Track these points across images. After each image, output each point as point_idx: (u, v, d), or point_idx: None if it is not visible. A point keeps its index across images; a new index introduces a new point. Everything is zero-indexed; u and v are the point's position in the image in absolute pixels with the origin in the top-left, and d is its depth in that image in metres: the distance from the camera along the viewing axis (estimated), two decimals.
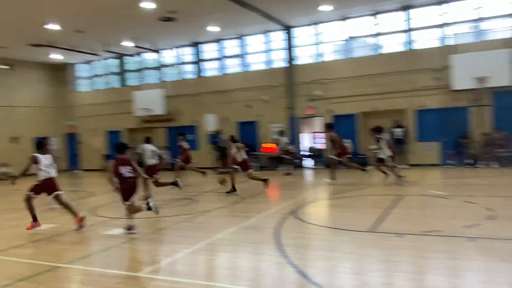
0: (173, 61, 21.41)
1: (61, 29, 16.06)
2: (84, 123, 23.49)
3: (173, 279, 5.04)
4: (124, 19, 15.36)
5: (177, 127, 20.97)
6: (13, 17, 14.53)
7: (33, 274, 5.49)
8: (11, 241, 7.44)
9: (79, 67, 24.13)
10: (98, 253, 6.54)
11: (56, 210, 10.16)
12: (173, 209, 9.96)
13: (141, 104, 20.64)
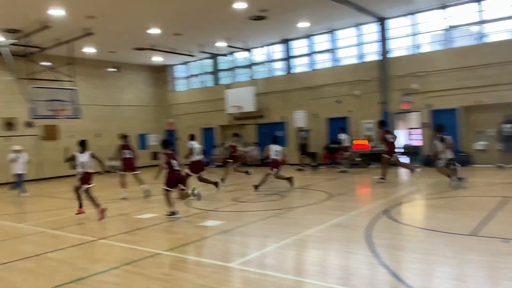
0: (263, 59, 21.78)
1: (161, 33, 17.22)
2: (181, 120, 24.97)
3: (262, 272, 5.16)
4: (217, 20, 15.99)
5: (267, 124, 21.34)
6: (121, 25, 15.92)
7: (137, 259, 5.99)
8: (120, 228, 8.21)
9: (176, 68, 25.67)
10: (194, 243, 6.93)
11: (155, 201, 10.97)
12: (263, 204, 10.17)
13: (232, 101, 21.34)
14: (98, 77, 22.49)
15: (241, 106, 20.99)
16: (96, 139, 20.99)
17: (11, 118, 19.06)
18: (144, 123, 24.80)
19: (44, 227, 8.61)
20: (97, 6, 13.55)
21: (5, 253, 6.75)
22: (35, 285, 5.15)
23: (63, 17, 14.18)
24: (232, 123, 22.75)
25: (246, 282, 4.90)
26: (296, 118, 19.73)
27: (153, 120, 25.37)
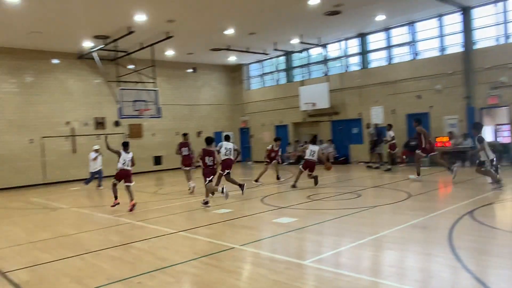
0: (337, 54, 21.38)
1: (236, 33, 17.63)
2: (255, 118, 25.38)
3: (337, 271, 5.09)
4: (291, 17, 16.00)
5: (342, 121, 20.94)
6: (198, 27, 16.56)
7: (213, 251, 6.22)
8: (198, 222, 8.57)
9: (250, 66, 26.11)
10: (267, 239, 7.03)
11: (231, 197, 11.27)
12: (338, 203, 10.02)
13: (306, 98, 21.23)
14: (177, 78, 23.60)
15: (315, 103, 20.81)
16: (176, 137, 22.03)
17: (101, 118, 20.69)
18: (220, 121, 25.59)
19: (130, 219, 9.25)
20: (177, 10, 14.22)
21: (96, 242, 7.38)
22: (122, 272, 5.56)
23: (145, 22, 15.08)
24: (306, 120, 22.65)
25: (320, 280, 4.87)
26: (372, 115, 19.13)
27: (228, 118, 26.07)
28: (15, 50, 18.11)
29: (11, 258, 6.65)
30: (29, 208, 12.21)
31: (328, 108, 20.65)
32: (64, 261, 6.28)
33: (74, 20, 14.63)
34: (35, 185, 18.45)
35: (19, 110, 18.31)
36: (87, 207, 11.55)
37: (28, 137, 18.54)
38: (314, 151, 12.72)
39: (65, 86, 19.67)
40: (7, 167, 17.94)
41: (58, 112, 19.40)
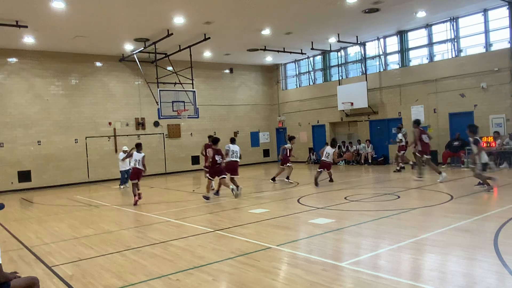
0: (376, 53, 20.95)
1: (272, 33, 17.64)
2: (291, 118, 25.29)
3: (375, 274, 4.99)
4: (329, 16, 15.83)
5: (380, 120, 20.51)
6: (235, 28, 16.70)
7: (250, 251, 6.25)
8: (234, 221, 8.64)
9: (287, 66, 26.05)
10: (304, 239, 6.99)
11: (266, 197, 11.30)
12: (377, 204, 9.82)
13: (343, 98, 20.94)
14: (214, 78, 23.89)
15: (353, 102, 20.49)
16: None
17: (141, 118, 21.26)
18: (256, 121, 25.69)
19: (168, 217, 9.46)
20: (214, 12, 14.40)
21: (137, 239, 7.59)
22: (161, 269, 5.69)
23: (184, 25, 15.36)
24: (343, 120, 22.35)
25: (357, 282, 4.79)
26: (413, 114, 18.62)
27: (264, 118, 26.12)
28: (61, 54, 18.94)
29: (57, 253, 6.96)
30: (74, 205, 12.72)
31: (366, 107, 20.28)
32: (106, 257, 6.50)
33: (116, 24, 15.13)
34: (79, 184, 19.22)
35: (65, 112, 19.13)
36: (127, 205, 11.91)
37: (73, 138, 19.34)
38: (329, 153, 13.47)
39: (107, 88, 20.36)
40: (54, 166, 18.79)
41: (101, 113, 20.11)
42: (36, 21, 14.12)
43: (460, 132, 16.79)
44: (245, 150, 24.22)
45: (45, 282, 5.33)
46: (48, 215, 11.03)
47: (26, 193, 17.10)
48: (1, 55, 17.65)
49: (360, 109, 20.69)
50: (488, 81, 16.43)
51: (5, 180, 17.70)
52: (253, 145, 25.30)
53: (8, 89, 17.86)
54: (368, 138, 20.92)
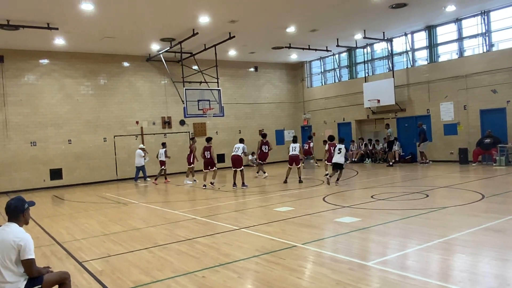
0: (403, 49, 20.54)
1: (297, 30, 17.54)
2: (316, 116, 25.12)
3: (403, 274, 4.91)
4: (354, 12, 15.62)
5: (408, 118, 20.12)
6: (260, 27, 16.70)
7: (275, 249, 6.25)
8: (259, 219, 8.66)
9: (312, 64, 25.87)
10: (330, 238, 6.94)
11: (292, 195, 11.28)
12: (404, 203, 9.65)
13: (370, 95, 20.64)
14: (239, 77, 23.97)
15: (379, 100, 20.17)
16: (238, 135, 22.43)
17: (168, 117, 21.56)
18: (281, 120, 25.64)
19: (194, 215, 9.57)
20: (239, 11, 14.44)
21: (164, 236, 7.71)
22: (187, 265, 5.76)
23: (209, 24, 15.47)
24: (370, 118, 22.04)
25: (384, 282, 4.72)
26: (442, 111, 18.20)
27: (289, 116, 26.04)
28: (90, 55, 19.40)
29: (87, 249, 7.15)
30: (103, 202, 13.04)
31: (393, 104, 19.93)
32: (134, 253, 6.63)
33: (142, 24, 15.38)
34: (107, 181, 19.66)
35: (94, 111, 19.61)
36: (154, 203, 12.11)
37: (102, 136, 19.79)
38: (341, 148, 13.48)
39: (134, 87, 20.74)
40: (83, 164, 19.29)
41: (128, 112, 20.50)
42: (67, 23, 14.51)
43: (491, 129, 16.31)
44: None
45: (76, 277, 5.48)
46: (79, 212, 11.34)
47: (58, 190, 17.62)
48: (34, 56, 18.23)
49: (387, 106, 20.34)
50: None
51: (38, 178, 18.29)
52: (278, 143, 25.26)
53: (40, 90, 18.44)
54: (395, 136, 20.55)
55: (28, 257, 3.77)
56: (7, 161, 17.59)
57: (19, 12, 13.03)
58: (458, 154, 17.47)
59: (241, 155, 14.13)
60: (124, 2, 12.84)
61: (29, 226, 4.11)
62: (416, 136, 19.00)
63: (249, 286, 5.01)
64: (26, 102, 18.08)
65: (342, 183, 13.13)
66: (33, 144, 18.21)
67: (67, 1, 12.39)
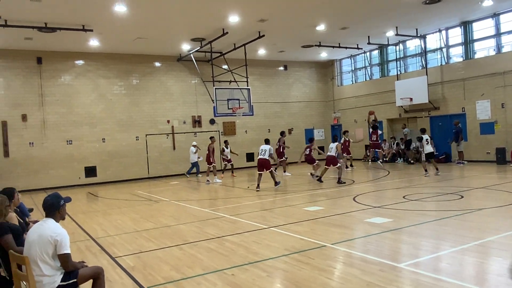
0: (437, 45, 19.98)
1: (327, 28, 17.36)
2: (347, 114, 24.80)
3: (436, 277, 4.78)
4: (386, 9, 15.31)
5: (442, 116, 19.57)
6: (290, 25, 16.63)
7: (304, 248, 6.22)
8: (288, 218, 8.64)
9: (342, 62, 25.55)
10: (360, 239, 6.84)
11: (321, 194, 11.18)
12: (438, 204, 9.39)
13: (402, 93, 20.20)
14: (268, 76, 23.96)
15: (412, 98, 19.71)
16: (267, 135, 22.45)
17: (198, 116, 21.81)
18: (311, 118, 25.46)
19: (224, 213, 9.64)
20: (269, 10, 14.43)
21: (194, 234, 7.81)
22: (217, 263, 5.82)
23: (238, 23, 15.53)
24: (402, 116, 21.57)
25: (416, 285, 4.61)
26: (478, 109, 17.60)
27: (319, 115, 25.82)
28: (123, 55, 19.87)
29: (120, 245, 7.33)
30: (135, 199, 13.33)
31: (427, 103, 19.42)
32: (165, 250, 6.75)
33: (173, 25, 15.62)
34: (139, 179, 20.09)
35: (126, 110, 20.07)
36: (185, 200, 12.28)
37: (134, 135, 20.24)
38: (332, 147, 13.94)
39: (165, 87, 21.08)
40: (117, 162, 19.78)
41: (160, 111, 20.87)
42: (101, 25, 14.91)
43: None
44: (299, 147, 24.06)
45: (109, 272, 5.63)
46: (112, 209, 11.65)
47: (92, 187, 18.15)
48: (70, 58, 18.83)
49: (420, 105, 19.85)
50: None
51: (74, 175, 18.90)
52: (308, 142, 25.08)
53: (75, 90, 19.03)
54: (429, 135, 20.00)
55: (64, 252, 3.90)
56: (44, 159, 18.26)
57: (56, 15, 13.49)
58: (495, 154, 16.86)
59: (268, 158, 13.42)
60: (155, 4, 13.07)
61: (65, 221, 4.25)
62: (450, 135, 18.46)
63: (278, 285, 5.01)
64: (63, 102, 18.71)
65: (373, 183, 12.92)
66: (69, 143, 18.82)
67: (101, 4, 12.74)
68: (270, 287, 4.93)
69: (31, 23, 13.95)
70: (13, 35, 15.13)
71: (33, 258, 3.83)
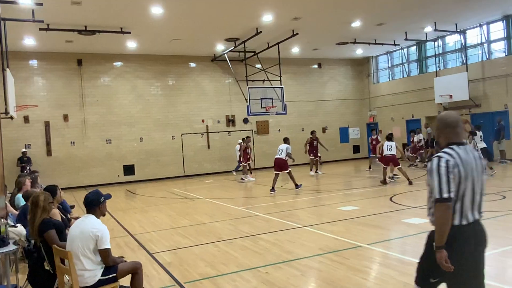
0: (478, 41, 19.22)
1: (363, 25, 17.06)
2: (383, 112, 24.30)
3: None
4: (424, 4, 14.86)
5: (483, 114, 18.83)
6: (324, 22, 16.45)
7: (338, 248, 6.16)
8: (322, 218, 8.58)
9: (378, 59, 25.05)
10: (397, 239, 6.71)
11: (356, 194, 11.04)
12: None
13: (441, 90, 19.58)
14: (302, 74, 23.81)
15: (452, 95, 19.07)
16: (301, 134, 22.36)
17: (232, 116, 21.99)
18: (345, 117, 25.11)
19: (257, 212, 9.69)
20: (303, 7, 14.34)
21: (228, 231, 7.90)
22: (251, 261, 5.86)
23: (272, 22, 15.53)
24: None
25: None
26: None
27: (354, 113, 25.42)
28: (159, 56, 20.30)
29: (157, 241, 7.51)
30: (171, 197, 13.61)
31: (467, 100, 18.74)
32: (200, 246, 6.86)
33: (208, 26, 15.80)
34: (175, 177, 20.48)
35: (163, 110, 20.51)
36: (220, 199, 12.42)
37: (170, 134, 20.65)
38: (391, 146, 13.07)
39: (200, 87, 21.38)
40: (154, 161, 20.25)
41: (195, 111, 21.19)
42: (138, 27, 15.30)
43: None
44: (334, 146, 23.85)
45: (147, 267, 5.79)
46: (149, 206, 11.94)
47: (130, 185, 18.66)
48: (109, 59, 19.44)
49: (460, 102, 19.17)
50: None
51: (113, 173, 19.50)
52: (343, 141, 24.79)
53: (114, 91, 19.63)
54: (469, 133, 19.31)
55: (104, 247, 4.04)
56: (85, 158, 18.95)
57: (95, 18, 13.95)
58: None
59: (285, 158, 13.12)
60: (191, 5, 13.27)
61: (104, 218, 4.41)
62: (493, 134, 17.73)
63: (312, 284, 4.99)
64: (102, 102, 19.33)
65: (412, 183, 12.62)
66: (108, 142, 19.43)
67: (138, 6, 13.07)
68: (304, 286, 4.92)
69: (71, 26, 14.50)
70: (55, 38, 15.78)
71: (75, 253, 3.99)
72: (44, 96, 18.30)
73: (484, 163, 3.10)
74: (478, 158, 3.00)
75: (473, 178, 2.90)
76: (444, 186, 2.81)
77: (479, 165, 2.98)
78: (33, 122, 18.02)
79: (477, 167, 2.95)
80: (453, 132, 3.01)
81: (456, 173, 2.84)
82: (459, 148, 2.94)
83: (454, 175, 2.83)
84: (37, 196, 4.65)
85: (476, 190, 2.92)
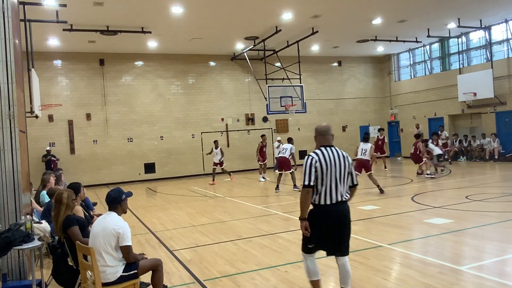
0: (504, 37, 18.71)
1: (384, 22, 16.82)
2: (405, 110, 23.92)
3: (501, 281, 4.51)
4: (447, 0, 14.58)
5: (509, 112, 18.35)
6: (344, 20, 16.29)
7: (359, 248, 6.10)
8: None
9: (399, 56, 24.67)
10: (418, 240, 6.60)
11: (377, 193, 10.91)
12: (504, 205, 8.84)
13: (465, 88, 19.16)
14: (321, 72, 23.64)
15: (476, 93, 18.64)
16: None
17: (251, 114, 22.01)
18: (366, 115, 24.82)
19: (276, 210, 9.68)
20: (322, 5, 14.22)
21: (247, 230, 7.91)
22: (270, 259, 5.86)
23: (292, 20, 15.47)
24: (465, 112, 20.47)
25: None
26: None
27: (375, 111, 25.11)
28: (179, 56, 20.48)
29: (177, 238, 7.59)
30: (191, 195, 13.72)
31: (492, 97, 18.28)
32: (220, 244, 6.90)
33: (228, 25, 15.85)
34: (195, 175, 20.63)
35: (183, 109, 20.69)
36: (239, 197, 12.46)
37: (190, 133, 20.81)
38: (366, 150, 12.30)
39: (220, 86, 21.47)
40: (174, 159, 20.46)
41: (215, 110, 21.30)
42: (159, 27, 15.47)
43: None
44: (354, 145, 23.54)
45: (167, 264, 5.85)
46: (169, 204, 12.07)
47: (151, 183, 18.90)
48: (130, 59, 19.71)
49: (485, 100, 18.72)
50: None
51: (134, 171, 19.79)
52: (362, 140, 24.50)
53: (135, 90, 19.90)
54: (494, 131, 18.85)
55: (126, 244, 4.10)
56: (107, 156, 19.27)
57: (117, 18, 14.17)
58: None
59: (289, 158, 13.16)
60: (210, 4, 13.33)
61: (126, 215, 4.48)
62: None
63: (332, 284, 4.96)
64: (124, 101, 19.62)
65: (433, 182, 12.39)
66: (129, 140, 19.72)
67: (159, 6, 13.21)
68: (324, 285, 4.89)
69: (94, 26, 14.76)
70: (78, 38, 16.08)
71: (97, 249, 4.06)
72: (67, 96, 18.68)
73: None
74: (344, 157, 4.08)
75: (335, 171, 3.98)
76: (307, 176, 3.94)
77: (343, 162, 4.05)
78: (57, 121, 18.42)
79: (340, 163, 4.03)
80: (323, 138, 4.22)
81: (318, 167, 3.93)
82: (325, 150, 4.07)
83: (316, 168, 3.91)
84: (61, 194, 4.75)
85: (338, 179, 3.99)
